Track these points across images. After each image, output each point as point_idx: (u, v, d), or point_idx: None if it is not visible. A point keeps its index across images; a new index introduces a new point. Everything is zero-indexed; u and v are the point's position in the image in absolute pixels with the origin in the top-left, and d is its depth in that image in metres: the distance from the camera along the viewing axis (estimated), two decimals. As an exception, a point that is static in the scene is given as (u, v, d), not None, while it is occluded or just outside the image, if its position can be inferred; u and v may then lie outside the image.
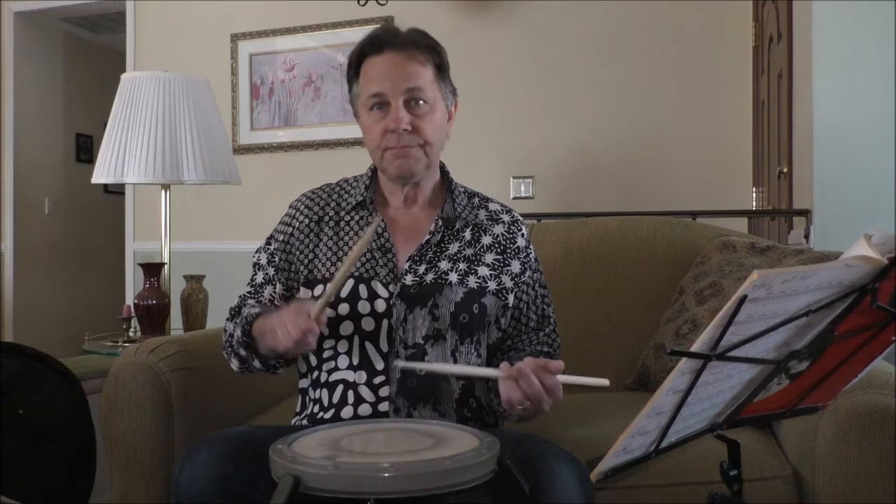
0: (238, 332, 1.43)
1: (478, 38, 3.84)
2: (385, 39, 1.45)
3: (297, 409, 1.51)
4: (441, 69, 1.48)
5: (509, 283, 1.48)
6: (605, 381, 1.18)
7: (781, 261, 1.86)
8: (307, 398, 1.49)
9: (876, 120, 2.41)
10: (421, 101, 1.43)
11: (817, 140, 2.46)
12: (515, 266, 1.50)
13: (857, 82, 2.45)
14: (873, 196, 2.39)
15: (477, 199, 1.56)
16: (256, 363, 1.44)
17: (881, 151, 2.39)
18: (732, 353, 0.89)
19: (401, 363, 1.35)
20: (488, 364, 1.49)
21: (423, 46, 1.45)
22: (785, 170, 2.79)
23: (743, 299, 0.82)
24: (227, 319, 1.51)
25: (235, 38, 4.31)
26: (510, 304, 1.49)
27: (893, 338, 0.99)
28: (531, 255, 1.54)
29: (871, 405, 1.38)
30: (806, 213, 2.49)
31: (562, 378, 1.23)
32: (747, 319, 0.86)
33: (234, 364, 1.48)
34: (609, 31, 3.71)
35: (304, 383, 1.51)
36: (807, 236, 2.45)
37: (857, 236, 0.92)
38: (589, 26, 3.74)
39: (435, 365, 1.35)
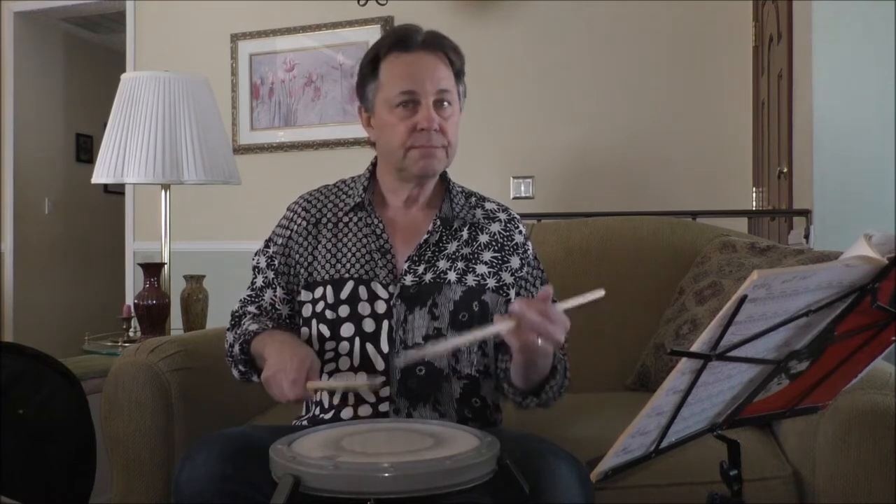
0: (237, 349, 1.45)
1: (478, 38, 3.84)
2: (415, 38, 1.45)
3: (302, 412, 1.52)
4: (461, 73, 1.50)
5: (509, 279, 1.48)
6: (600, 293, 1.19)
7: (781, 261, 1.86)
8: (310, 401, 1.49)
9: (876, 120, 2.41)
10: (446, 103, 1.44)
11: (817, 140, 2.46)
12: (514, 262, 1.50)
13: (857, 82, 2.45)
14: (873, 196, 2.40)
15: (474, 199, 1.56)
16: (255, 379, 1.45)
17: (881, 151, 2.39)
18: (732, 353, 0.89)
19: (402, 360, 1.35)
20: (495, 367, 1.48)
21: (451, 49, 1.47)
22: (785, 170, 2.79)
23: (743, 299, 0.82)
24: (228, 329, 1.52)
25: (235, 38, 4.31)
26: (512, 300, 1.48)
27: (893, 338, 0.99)
28: (529, 252, 1.53)
29: (871, 405, 1.38)
30: (806, 213, 2.49)
31: (560, 305, 1.23)
32: (747, 319, 0.86)
33: (235, 373, 1.50)
34: (609, 31, 3.71)
35: None
36: (807, 236, 2.45)
37: (857, 236, 0.92)
38: (589, 26, 3.74)
39: (434, 347, 1.30)
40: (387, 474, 0.98)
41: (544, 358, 1.31)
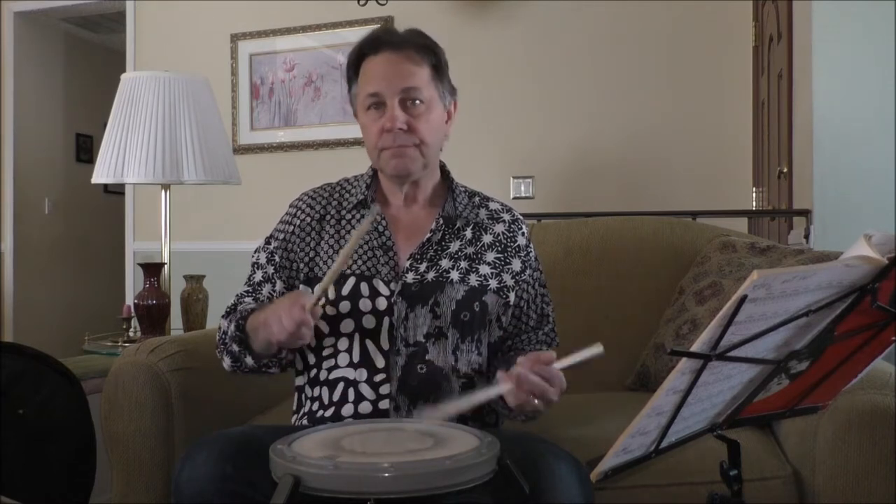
0: (232, 327, 1.41)
1: (478, 39, 3.84)
2: (382, 40, 1.45)
3: (294, 408, 1.51)
4: (438, 69, 1.48)
5: (510, 282, 1.48)
6: (599, 349, 1.19)
7: (781, 261, 1.86)
8: (304, 396, 1.49)
9: (876, 120, 2.41)
10: (417, 101, 1.43)
11: (817, 140, 2.46)
12: (516, 264, 1.50)
13: (857, 82, 2.45)
14: (873, 196, 2.40)
15: (478, 199, 1.56)
16: (249, 360, 1.41)
17: (881, 151, 2.39)
18: (732, 354, 0.89)
19: (423, 416, 1.30)
20: (488, 364, 1.49)
21: (420, 46, 1.46)
22: (785, 170, 2.80)
23: (743, 299, 0.82)
24: (222, 317, 1.49)
25: (235, 38, 4.31)
26: (511, 303, 1.49)
27: (893, 338, 0.99)
28: (531, 254, 1.54)
29: (871, 405, 1.38)
30: (806, 213, 2.49)
31: (558, 364, 1.24)
32: (747, 319, 0.86)
33: (226, 362, 1.46)
34: (609, 31, 3.71)
35: (300, 381, 1.50)
36: (807, 236, 2.45)
37: (857, 236, 0.92)
38: (589, 26, 3.74)
39: (449, 407, 1.28)
40: (387, 474, 0.98)
41: (535, 410, 1.31)
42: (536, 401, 1.24)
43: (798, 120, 2.66)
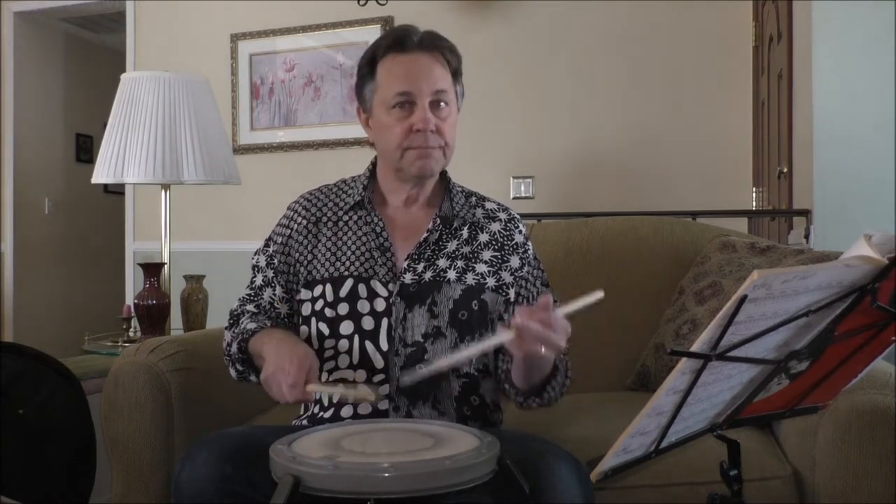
0: (234, 348, 1.44)
1: (478, 38, 3.84)
2: (411, 39, 1.45)
3: (301, 411, 1.52)
4: (458, 73, 1.49)
5: (509, 279, 1.48)
6: (599, 294, 1.18)
7: (781, 261, 1.86)
8: (309, 402, 1.49)
9: (875, 120, 2.41)
10: (443, 103, 1.44)
11: (817, 140, 2.46)
12: (514, 261, 1.50)
13: (857, 82, 2.45)
14: (873, 196, 2.40)
15: (474, 198, 1.56)
16: (253, 378, 1.45)
17: (881, 152, 2.39)
18: (732, 354, 0.89)
19: (409, 379, 1.32)
20: (495, 367, 1.49)
21: (447, 49, 1.47)
22: (785, 170, 2.80)
23: (743, 299, 0.82)
24: (226, 328, 1.52)
25: (235, 38, 4.31)
26: (512, 300, 1.49)
27: (893, 338, 0.99)
28: (529, 252, 1.54)
29: (871, 405, 1.38)
30: (806, 213, 2.50)
31: (559, 311, 1.22)
32: (747, 319, 0.86)
33: (233, 372, 1.49)
34: (609, 31, 3.71)
35: None
36: (807, 236, 2.45)
37: (857, 236, 0.92)
38: (589, 26, 3.74)
39: (438, 363, 1.26)
40: (387, 474, 0.98)
41: (545, 360, 1.31)
42: (543, 349, 1.20)
43: (798, 120, 2.66)
